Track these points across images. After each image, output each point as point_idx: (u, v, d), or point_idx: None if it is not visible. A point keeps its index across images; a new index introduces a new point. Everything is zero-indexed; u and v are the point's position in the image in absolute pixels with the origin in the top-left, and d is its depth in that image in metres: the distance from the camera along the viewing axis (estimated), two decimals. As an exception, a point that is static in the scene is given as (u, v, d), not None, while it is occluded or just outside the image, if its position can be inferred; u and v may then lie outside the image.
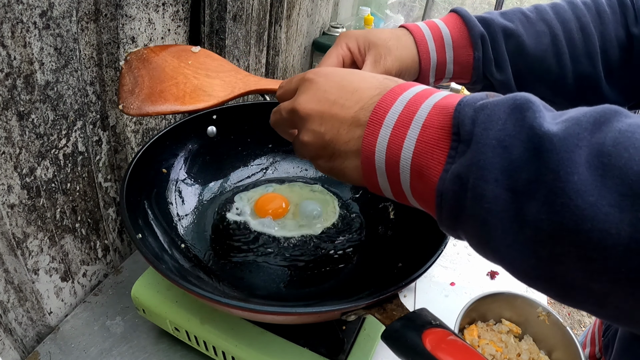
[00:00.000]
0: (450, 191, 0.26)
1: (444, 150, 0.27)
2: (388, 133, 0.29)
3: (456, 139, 0.26)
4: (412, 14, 1.52)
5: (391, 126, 0.29)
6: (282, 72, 1.02)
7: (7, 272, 0.47)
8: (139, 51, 0.48)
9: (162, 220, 0.54)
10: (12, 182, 0.45)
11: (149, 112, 0.43)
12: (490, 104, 0.25)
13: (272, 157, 0.70)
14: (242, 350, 0.46)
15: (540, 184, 0.22)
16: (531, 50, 0.46)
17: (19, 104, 0.43)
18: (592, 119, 0.22)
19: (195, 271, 0.51)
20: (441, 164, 0.26)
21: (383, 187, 0.32)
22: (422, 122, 0.28)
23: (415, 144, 0.28)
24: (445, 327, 0.34)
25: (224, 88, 0.46)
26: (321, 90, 0.34)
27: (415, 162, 0.28)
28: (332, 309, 0.37)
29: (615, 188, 0.20)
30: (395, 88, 0.31)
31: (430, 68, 0.47)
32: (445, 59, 0.47)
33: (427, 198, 0.28)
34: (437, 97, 0.29)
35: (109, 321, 0.57)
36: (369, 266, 0.55)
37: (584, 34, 0.46)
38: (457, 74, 0.48)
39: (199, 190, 0.63)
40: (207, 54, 0.50)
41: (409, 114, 0.29)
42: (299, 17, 1.02)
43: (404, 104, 0.29)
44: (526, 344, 0.57)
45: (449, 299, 0.67)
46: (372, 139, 0.30)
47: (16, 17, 0.39)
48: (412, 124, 0.28)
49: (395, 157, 0.29)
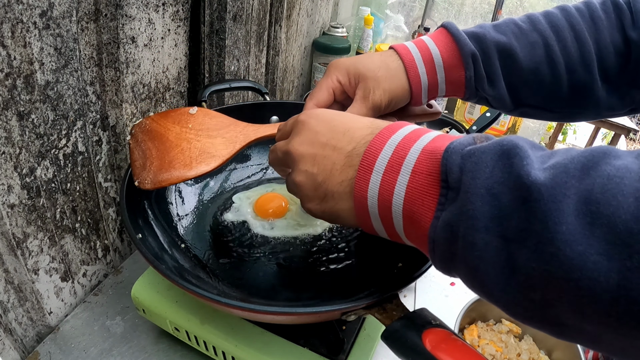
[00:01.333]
0: (442, 238, 0.26)
1: (433, 197, 0.27)
2: (379, 179, 0.29)
3: (445, 186, 0.26)
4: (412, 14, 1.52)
5: (381, 172, 0.29)
6: (282, 72, 1.02)
7: (7, 272, 0.47)
8: (141, 123, 0.51)
9: (162, 220, 0.54)
10: (12, 182, 0.45)
11: (162, 184, 0.45)
12: (477, 151, 0.25)
13: (272, 157, 0.70)
14: (242, 350, 0.46)
15: (529, 233, 0.22)
16: (525, 63, 0.45)
17: (19, 104, 0.43)
18: (579, 165, 0.22)
19: (195, 271, 0.51)
20: (432, 210, 0.27)
21: (378, 230, 0.32)
22: (411, 167, 0.28)
23: (405, 190, 0.28)
24: (445, 327, 0.34)
25: (226, 146, 0.48)
26: (313, 132, 0.35)
27: (407, 208, 0.28)
28: (332, 309, 0.37)
29: (604, 237, 0.20)
30: (384, 131, 0.31)
31: (422, 90, 0.47)
32: (437, 79, 0.46)
33: (420, 242, 0.29)
34: (425, 140, 0.29)
35: (109, 321, 0.57)
36: (369, 266, 0.55)
37: (578, 42, 0.45)
38: (450, 91, 0.48)
39: (199, 190, 0.63)
40: (205, 113, 0.52)
41: (398, 159, 0.29)
42: (299, 17, 1.02)
43: (393, 148, 0.30)
44: (526, 344, 0.57)
45: (449, 299, 0.67)
46: (363, 185, 0.30)
47: (16, 17, 0.39)
48: (402, 169, 0.28)
49: (387, 202, 0.29)
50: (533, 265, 0.22)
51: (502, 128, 1.11)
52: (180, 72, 0.67)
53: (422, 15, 1.42)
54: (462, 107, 1.17)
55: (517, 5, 1.85)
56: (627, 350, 0.22)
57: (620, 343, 0.21)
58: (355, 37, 1.31)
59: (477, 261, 0.24)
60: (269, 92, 0.72)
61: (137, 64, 0.57)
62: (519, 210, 0.23)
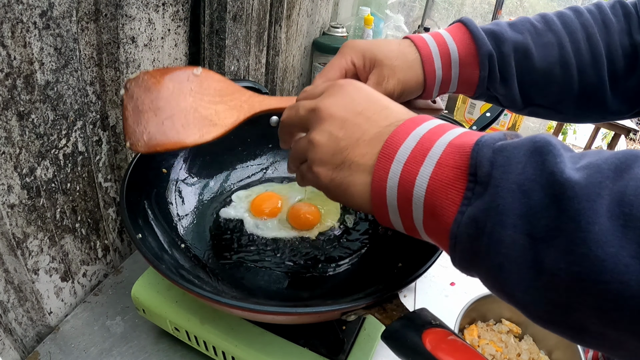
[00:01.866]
0: (465, 234, 0.25)
1: (459, 191, 0.26)
2: (400, 168, 0.28)
3: (473, 180, 0.25)
4: (412, 14, 1.52)
5: (403, 161, 0.28)
6: (282, 72, 1.02)
7: (7, 272, 0.47)
8: (138, 77, 0.45)
9: (162, 220, 0.54)
10: (12, 182, 0.45)
11: (157, 148, 0.41)
12: (509, 146, 0.25)
13: (272, 157, 0.70)
14: (242, 350, 0.46)
15: (560, 232, 0.22)
16: (539, 63, 0.45)
17: (19, 104, 0.43)
18: (613, 166, 0.22)
19: (195, 271, 0.51)
20: (456, 204, 0.26)
21: (394, 222, 0.31)
22: (436, 159, 0.27)
23: (428, 182, 0.27)
24: (445, 327, 0.34)
25: (230, 114, 0.45)
26: (349, 97, 0.33)
27: (429, 201, 0.27)
28: (332, 309, 0.37)
29: (636, 239, 0.20)
30: (408, 122, 0.30)
31: (435, 85, 0.46)
32: (451, 76, 0.46)
33: (440, 237, 0.28)
34: (452, 134, 0.28)
35: (109, 321, 0.57)
36: (369, 266, 0.55)
37: (590, 43, 0.45)
38: (461, 88, 0.48)
39: (199, 190, 0.63)
40: (209, 76, 0.47)
41: (422, 150, 0.28)
42: (299, 17, 1.02)
43: (417, 139, 0.29)
44: (526, 344, 0.57)
45: (449, 299, 0.67)
46: (383, 174, 0.29)
47: (16, 17, 0.39)
48: (426, 161, 0.27)
49: (407, 193, 0.28)
50: (561, 266, 0.22)
51: (502, 128, 1.11)
52: (180, 72, 0.67)
53: (422, 15, 1.42)
54: (462, 107, 1.17)
55: (517, 5, 1.85)
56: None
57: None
58: (355, 37, 1.31)
59: (501, 259, 0.24)
60: (269, 92, 0.72)
61: (137, 64, 0.57)
62: (550, 209, 0.22)
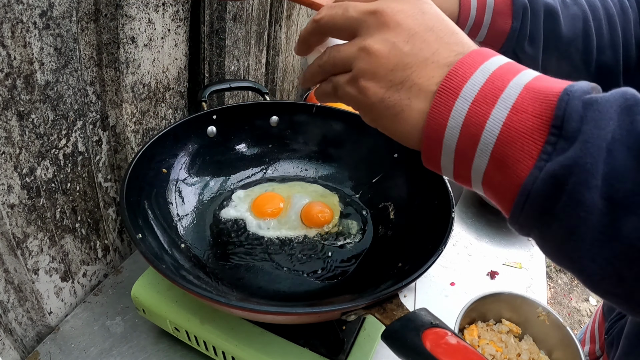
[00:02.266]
0: (541, 191, 0.23)
1: (538, 143, 0.23)
2: (465, 107, 0.25)
3: (556, 133, 0.22)
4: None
5: (470, 99, 0.25)
6: (282, 72, 1.02)
7: (7, 272, 0.47)
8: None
9: (162, 220, 0.54)
10: (12, 182, 0.45)
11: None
12: (601, 100, 0.22)
13: (272, 157, 0.70)
14: (242, 350, 0.46)
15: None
16: (565, 32, 0.46)
17: (19, 104, 0.43)
18: None
19: (195, 271, 0.51)
20: (533, 158, 0.23)
21: (444, 166, 0.28)
22: (511, 103, 0.24)
23: (500, 129, 0.24)
24: (445, 327, 0.34)
25: None
26: (419, 8, 0.29)
27: (499, 150, 0.24)
28: (332, 309, 0.37)
29: None
30: (474, 53, 0.26)
31: (467, 25, 0.45)
32: (483, 20, 0.45)
33: (503, 192, 0.25)
34: (527, 76, 0.25)
35: (109, 321, 0.57)
36: (369, 266, 0.55)
37: (610, 25, 0.46)
38: (488, 40, 0.46)
39: (199, 190, 0.63)
40: None
41: (493, 90, 0.24)
42: (299, 17, 1.02)
43: (487, 76, 0.25)
44: (526, 344, 0.57)
45: (449, 299, 0.67)
46: (444, 111, 0.26)
47: (16, 17, 0.39)
48: (498, 102, 0.24)
49: (473, 137, 0.25)
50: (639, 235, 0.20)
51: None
52: (180, 72, 0.67)
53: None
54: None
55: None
56: None
57: None
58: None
59: (576, 221, 0.22)
60: (269, 92, 0.72)
61: (137, 64, 0.57)
62: (635, 173, 0.20)
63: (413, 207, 0.59)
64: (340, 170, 0.69)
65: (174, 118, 0.70)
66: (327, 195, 0.66)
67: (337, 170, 0.69)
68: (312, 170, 0.70)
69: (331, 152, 0.70)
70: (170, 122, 0.69)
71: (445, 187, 0.52)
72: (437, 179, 0.54)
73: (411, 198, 0.60)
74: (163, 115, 0.67)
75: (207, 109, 0.63)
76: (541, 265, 0.77)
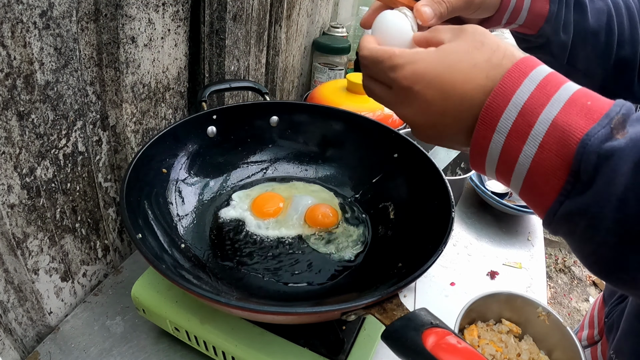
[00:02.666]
0: (559, 222, 0.27)
1: (560, 180, 0.26)
2: (502, 141, 0.28)
3: (575, 177, 0.25)
4: (412, 14, 1.52)
5: (505, 133, 0.28)
6: (282, 72, 1.02)
7: (7, 272, 0.47)
8: None
9: (162, 220, 0.54)
10: (12, 182, 0.45)
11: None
12: (615, 153, 0.24)
13: (272, 157, 0.70)
14: (242, 350, 0.46)
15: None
16: (591, 24, 0.48)
17: (19, 104, 0.43)
18: None
19: (195, 271, 0.51)
20: (555, 192, 0.26)
21: (489, 174, 0.31)
22: (540, 140, 0.27)
23: (530, 164, 0.27)
24: (445, 327, 0.34)
25: None
26: (425, 102, 0.32)
27: (529, 179, 0.28)
28: (332, 309, 0.37)
29: None
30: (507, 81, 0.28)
31: (508, 9, 0.46)
32: (523, 4, 0.47)
33: (534, 208, 0.29)
34: (555, 107, 0.27)
35: (109, 321, 0.57)
36: (369, 266, 0.55)
37: (631, 21, 0.48)
38: (527, 23, 0.48)
39: (199, 190, 0.63)
40: None
41: (524, 125, 0.27)
42: (299, 17, 1.02)
43: (518, 109, 0.27)
44: (526, 344, 0.57)
45: (449, 299, 0.67)
46: (483, 142, 0.29)
47: (16, 17, 0.39)
48: (529, 139, 0.27)
49: (508, 166, 0.29)
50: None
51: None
52: (180, 72, 0.67)
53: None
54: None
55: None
56: None
57: None
58: (355, 37, 1.31)
59: (592, 249, 0.26)
60: (269, 92, 0.72)
61: (137, 64, 0.57)
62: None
63: (413, 207, 0.59)
64: (340, 170, 0.69)
65: (174, 118, 0.70)
66: (327, 195, 0.66)
67: (337, 170, 0.69)
68: (312, 170, 0.70)
69: (331, 152, 0.70)
70: (170, 122, 0.69)
71: (445, 187, 0.52)
72: (437, 179, 0.54)
73: (411, 198, 0.60)
74: (163, 115, 0.67)
75: (207, 109, 0.63)
76: (541, 265, 0.77)
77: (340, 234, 0.60)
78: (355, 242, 0.59)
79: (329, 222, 0.60)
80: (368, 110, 0.86)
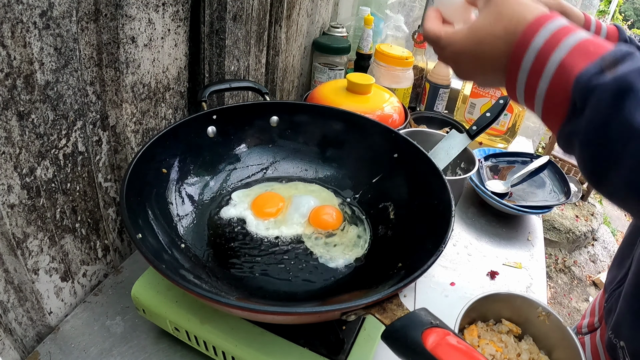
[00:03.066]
0: (565, 142, 0.35)
1: (564, 108, 0.33)
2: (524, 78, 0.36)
3: (573, 106, 0.32)
4: (412, 14, 1.51)
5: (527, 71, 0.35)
6: (282, 72, 1.02)
7: (7, 272, 0.47)
8: None
9: (162, 220, 0.54)
10: (12, 182, 0.45)
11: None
12: (600, 87, 0.30)
13: (272, 157, 0.70)
14: (242, 350, 0.46)
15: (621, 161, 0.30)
16: None
17: (19, 104, 0.43)
18: None
19: (195, 271, 0.51)
20: (561, 119, 0.34)
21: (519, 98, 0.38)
22: (550, 78, 0.34)
23: (544, 97, 0.35)
24: (445, 327, 0.34)
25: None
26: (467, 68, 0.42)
27: (546, 107, 0.35)
28: (332, 309, 0.37)
29: None
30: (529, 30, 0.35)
31: None
32: None
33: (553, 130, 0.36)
34: (563, 50, 0.33)
35: (109, 321, 0.57)
36: (369, 266, 0.55)
37: None
38: None
39: (199, 190, 0.63)
40: None
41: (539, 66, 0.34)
42: (299, 17, 1.02)
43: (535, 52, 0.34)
44: (526, 344, 0.57)
45: (449, 299, 0.67)
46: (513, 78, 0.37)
47: (16, 17, 0.39)
48: (542, 77, 0.34)
49: (530, 98, 0.36)
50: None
51: (502, 128, 1.11)
52: (180, 72, 0.67)
53: (422, 15, 1.42)
54: (462, 107, 1.17)
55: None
56: None
57: None
58: (355, 37, 1.31)
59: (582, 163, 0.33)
60: (269, 92, 0.72)
61: (137, 64, 0.57)
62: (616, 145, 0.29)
63: (413, 207, 0.59)
64: (340, 170, 0.69)
65: (174, 118, 0.70)
66: (327, 195, 0.66)
67: (337, 170, 0.69)
68: (312, 170, 0.70)
69: (331, 152, 0.70)
70: (170, 122, 0.69)
71: (445, 187, 0.52)
72: (437, 179, 0.54)
73: (411, 198, 0.60)
74: (163, 115, 0.67)
75: (207, 109, 0.63)
76: (541, 265, 0.77)
77: (340, 234, 0.60)
78: (356, 242, 0.59)
79: (333, 224, 0.60)
80: (368, 110, 0.86)
